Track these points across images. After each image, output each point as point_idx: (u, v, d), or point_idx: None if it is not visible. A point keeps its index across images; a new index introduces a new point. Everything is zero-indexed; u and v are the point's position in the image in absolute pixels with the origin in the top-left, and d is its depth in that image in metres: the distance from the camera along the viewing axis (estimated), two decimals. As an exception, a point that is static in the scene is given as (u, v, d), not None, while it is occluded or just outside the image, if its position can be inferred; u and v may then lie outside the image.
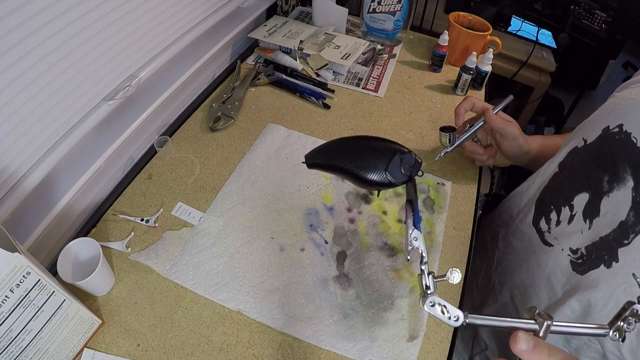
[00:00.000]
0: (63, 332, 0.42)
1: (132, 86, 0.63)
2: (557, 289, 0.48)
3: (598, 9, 1.70)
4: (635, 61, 2.50)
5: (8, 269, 0.33)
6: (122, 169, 0.69)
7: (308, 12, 1.10)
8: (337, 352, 0.48)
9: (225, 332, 0.49)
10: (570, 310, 0.44)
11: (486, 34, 0.92)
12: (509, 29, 1.66)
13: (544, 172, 0.55)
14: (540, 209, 0.54)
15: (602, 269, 0.42)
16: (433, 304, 0.34)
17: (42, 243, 0.55)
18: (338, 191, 0.66)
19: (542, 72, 1.53)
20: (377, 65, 0.96)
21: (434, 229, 0.62)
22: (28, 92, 0.48)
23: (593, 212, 0.45)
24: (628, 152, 0.42)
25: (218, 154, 0.70)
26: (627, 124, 0.43)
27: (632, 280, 0.39)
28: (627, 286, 0.39)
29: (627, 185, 0.41)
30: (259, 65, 0.91)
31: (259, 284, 0.53)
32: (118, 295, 0.51)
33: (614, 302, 0.40)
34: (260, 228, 0.60)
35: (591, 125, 0.49)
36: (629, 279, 0.39)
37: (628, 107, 0.44)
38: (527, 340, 0.29)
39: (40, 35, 0.47)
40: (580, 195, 0.47)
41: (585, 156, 0.48)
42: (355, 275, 0.55)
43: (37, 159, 0.53)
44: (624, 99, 0.46)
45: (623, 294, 0.40)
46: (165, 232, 0.58)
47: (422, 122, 0.81)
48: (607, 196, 0.43)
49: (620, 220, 0.41)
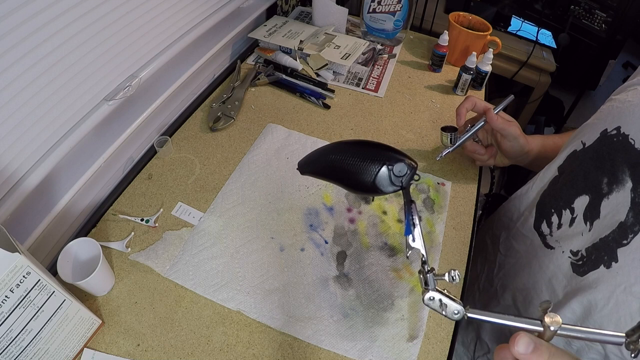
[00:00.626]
0: (63, 332, 0.42)
1: (132, 86, 0.63)
2: (558, 291, 0.48)
3: (598, 9, 1.70)
4: (635, 61, 2.50)
5: (8, 269, 0.33)
6: (122, 169, 0.69)
7: (308, 12, 1.10)
8: (337, 352, 0.48)
9: (225, 332, 0.49)
10: (571, 312, 0.45)
11: (486, 34, 0.92)
12: (509, 29, 1.66)
13: (544, 176, 0.56)
14: (541, 212, 0.54)
15: (602, 270, 0.42)
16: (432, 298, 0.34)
17: (42, 243, 0.55)
18: (338, 191, 0.66)
19: (542, 72, 1.53)
20: (377, 65, 0.96)
21: (434, 229, 0.62)
22: (28, 92, 0.48)
23: (593, 214, 0.45)
24: (626, 153, 0.42)
25: (218, 154, 0.70)
26: (625, 126, 0.43)
27: (631, 280, 0.39)
28: (626, 286, 0.39)
29: (626, 186, 0.41)
30: (259, 65, 0.91)
31: (259, 284, 0.53)
32: (118, 295, 0.51)
33: (614, 302, 0.40)
34: (260, 228, 0.60)
35: (590, 129, 0.50)
36: (628, 278, 0.39)
37: (625, 110, 0.45)
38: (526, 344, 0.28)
39: (40, 35, 0.47)
40: (581, 197, 0.47)
41: (584, 159, 0.49)
42: (355, 275, 0.55)
43: (37, 159, 0.53)
44: (622, 102, 0.46)
45: (623, 293, 0.40)
46: (165, 232, 0.58)
47: (422, 122, 0.81)
48: (606, 198, 0.43)
49: (619, 221, 0.41)
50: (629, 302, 0.39)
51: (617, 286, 0.40)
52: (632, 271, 0.39)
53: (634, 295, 0.39)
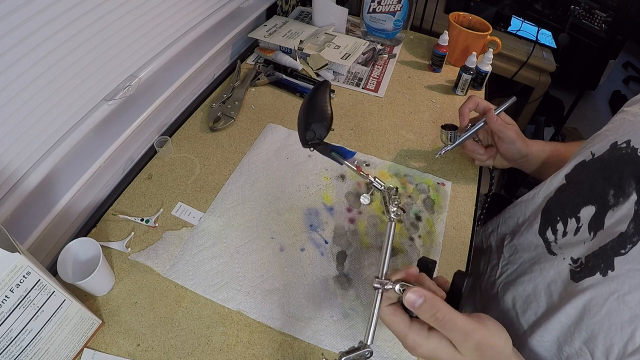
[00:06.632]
0: (63, 332, 0.42)
1: (132, 86, 0.64)
2: (555, 297, 0.48)
3: (598, 9, 1.70)
4: (635, 61, 2.50)
5: (8, 269, 0.33)
6: (122, 169, 0.69)
7: (308, 12, 1.10)
8: (337, 352, 0.48)
9: (225, 332, 0.49)
10: (565, 316, 0.45)
11: (486, 34, 0.92)
12: (509, 29, 1.66)
13: (550, 183, 0.56)
14: (546, 219, 0.54)
15: (598, 277, 0.43)
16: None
17: (42, 243, 0.55)
18: (338, 191, 0.66)
19: (542, 72, 1.53)
20: (377, 65, 0.96)
21: (434, 229, 0.62)
22: (28, 92, 0.48)
23: (598, 225, 0.45)
24: (634, 167, 0.43)
25: (218, 154, 0.70)
26: (635, 139, 0.44)
27: (625, 289, 0.39)
28: (619, 294, 0.40)
29: (631, 199, 0.42)
30: (259, 65, 0.91)
31: (259, 284, 0.53)
32: (118, 295, 0.51)
33: (606, 310, 0.41)
34: (260, 228, 0.60)
35: (600, 140, 0.50)
36: (622, 287, 0.40)
37: (636, 124, 0.46)
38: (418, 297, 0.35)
39: (40, 35, 0.47)
40: (587, 208, 0.48)
41: (592, 169, 0.49)
42: (355, 275, 0.55)
43: (37, 159, 0.53)
44: (634, 115, 0.47)
45: (615, 302, 0.40)
46: (165, 232, 0.58)
47: (422, 122, 0.81)
48: (612, 210, 0.44)
49: (620, 232, 0.41)
50: (620, 311, 0.39)
51: (611, 294, 0.41)
52: (626, 281, 0.40)
53: (626, 305, 0.39)
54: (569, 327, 0.45)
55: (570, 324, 0.45)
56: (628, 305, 0.39)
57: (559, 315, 0.46)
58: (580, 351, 0.43)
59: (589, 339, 0.42)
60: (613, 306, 0.40)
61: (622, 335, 0.39)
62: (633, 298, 0.39)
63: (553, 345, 0.47)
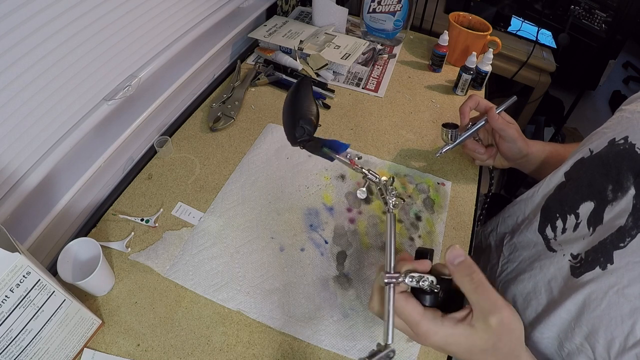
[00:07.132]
0: (63, 332, 0.42)
1: (132, 86, 0.63)
2: (555, 293, 0.48)
3: (598, 9, 1.70)
4: (635, 61, 2.50)
5: (8, 269, 0.33)
6: (122, 169, 0.69)
7: (308, 12, 1.10)
8: (337, 352, 0.48)
9: (225, 332, 0.49)
10: (566, 312, 0.45)
11: (486, 34, 0.92)
12: (509, 29, 1.66)
13: (550, 181, 0.56)
14: (546, 216, 0.54)
15: (597, 271, 0.43)
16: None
17: (42, 243, 0.55)
18: (338, 191, 0.66)
19: (542, 72, 1.53)
20: (377, 65, 0.96)
21: (434, 229, 0.62)
22: (28, 92, 0.48)
23: (597, 220, 0.46)
24: (632, 161, 0.43)
25: (218, 154, 0.70)
26: (632, 135, 0.45)
27: (624, 282, 0.39)
28: (619, 288, 0.40)
29: (629, 193, 0.42)
30: (259, 65, 0.91)
31: (259, 284, 0.53)
32: (118, 295, 0.51)
33: (606, 303, 0.41)
34: (260, 228, 0.60)
35: (598, 137, 0.51)
36: (622, 280, 0.40)
37: (634, 120, 0.46)
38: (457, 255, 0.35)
39: (40, 35, 0.47)
40: (586, 204, 0.48)
41: (590, 166, 0.50)
42: (355, 275, 0.55)
43: (37, 159, 0.53)
44: (631, 113, 0.48)
45: (615, 295, 0.40)
46: (165, 232, 0.58)
47: (422, 122, 0.81)
48: (610, 205, 0.44)
49: (619, 225, 0.42)
50: (620, 304, 0.40)
51: (611, 287, 0.41)
52: (626, 274, 0.40)
53: (626, 298, 0.39)
54: (569, 323, 0.45)
55: (570, 320, 0.45)
56: (628, 298, 0.39)
57: (560, 311, 0.46)
58: (582, 347, 0.43)
59: (589, 333, 0.42)
60: (613, 299, 0.40)
61: (623, 329, 0.39)
62: (632, 291, 0.39)
63: (554, 341, 0.47)
